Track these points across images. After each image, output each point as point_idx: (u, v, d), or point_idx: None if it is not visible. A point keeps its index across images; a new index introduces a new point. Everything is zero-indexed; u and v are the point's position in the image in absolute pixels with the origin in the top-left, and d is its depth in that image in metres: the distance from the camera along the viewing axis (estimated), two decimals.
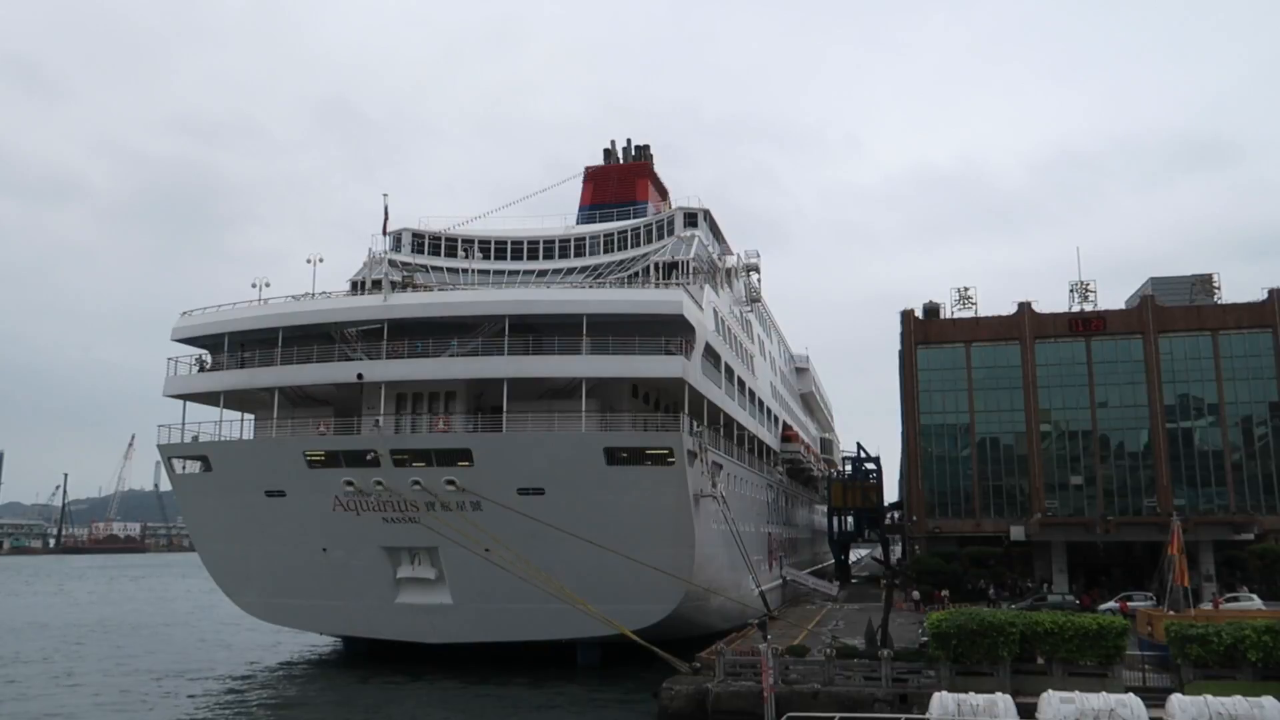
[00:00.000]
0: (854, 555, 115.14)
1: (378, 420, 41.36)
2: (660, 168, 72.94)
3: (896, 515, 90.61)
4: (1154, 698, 24.53)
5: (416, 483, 39.97)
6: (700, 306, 46.57)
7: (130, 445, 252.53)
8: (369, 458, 40.34)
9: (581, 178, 71.35)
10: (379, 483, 40.37)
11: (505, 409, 40.30)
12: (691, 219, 57.74)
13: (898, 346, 70.19)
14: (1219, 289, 66.72)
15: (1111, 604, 48.16)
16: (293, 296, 45.74)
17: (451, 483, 39.70)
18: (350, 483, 40.82)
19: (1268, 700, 21.82)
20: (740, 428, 56.29)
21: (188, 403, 45.67)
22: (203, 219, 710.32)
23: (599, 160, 72.72)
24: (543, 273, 58.17)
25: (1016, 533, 61.41)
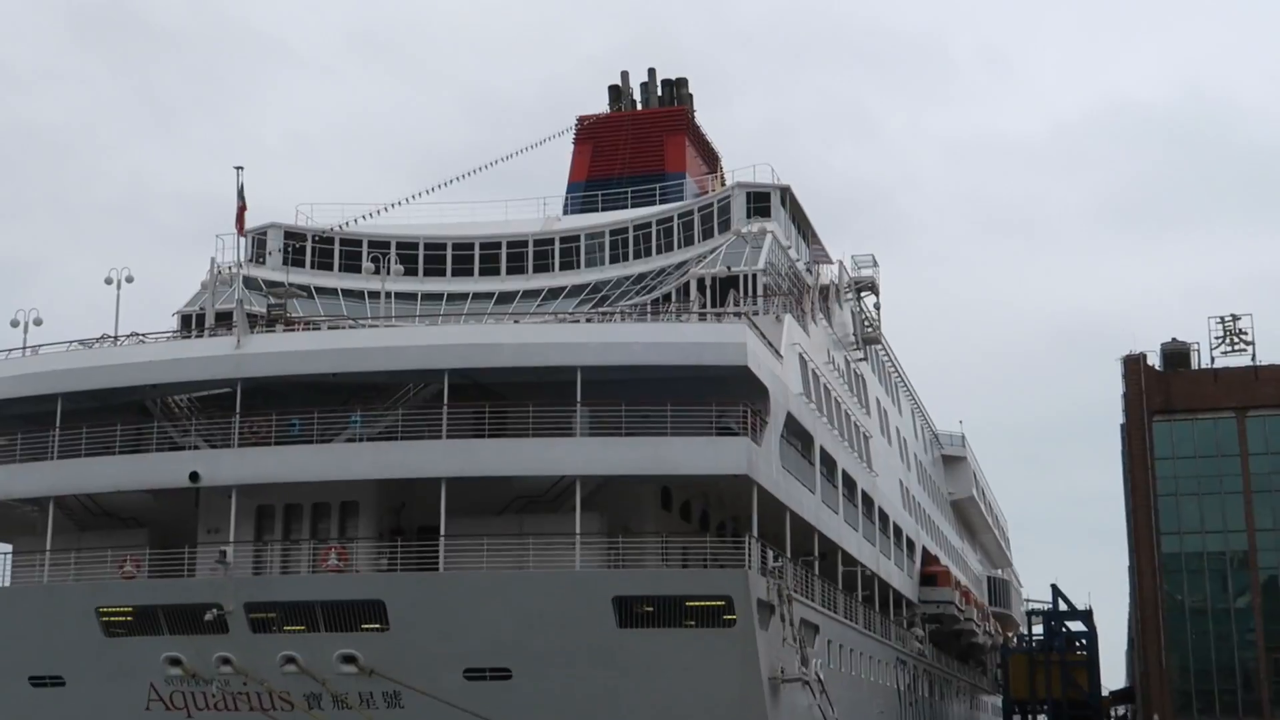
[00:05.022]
0: None
1: (224, 551, 41.11)
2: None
3: (1125, 712, 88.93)
4: None
5: (291, 660, 39.73)
6: (778, 352, 46.61)
7: None
8: (209, 617, 40.09)
9: (572, 135, 71.81)
10: (226, 660, 40.14)
11: (444, 530, 40.09)
12: (761, 202, 58.08)
13: (1118, 418, 69.79)
14: None
15: None
16: (80, 343, 45.66)
17: (351, 660, 39.50)
18: (177, 661, 40.58)
19: None
20: (850, 561, 56.18)
21: None
22: None
23: (596, 104, 73.66)
24: (508, 296, 58.56)
25: None
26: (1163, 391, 67.64)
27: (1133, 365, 68.51)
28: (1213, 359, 68.47)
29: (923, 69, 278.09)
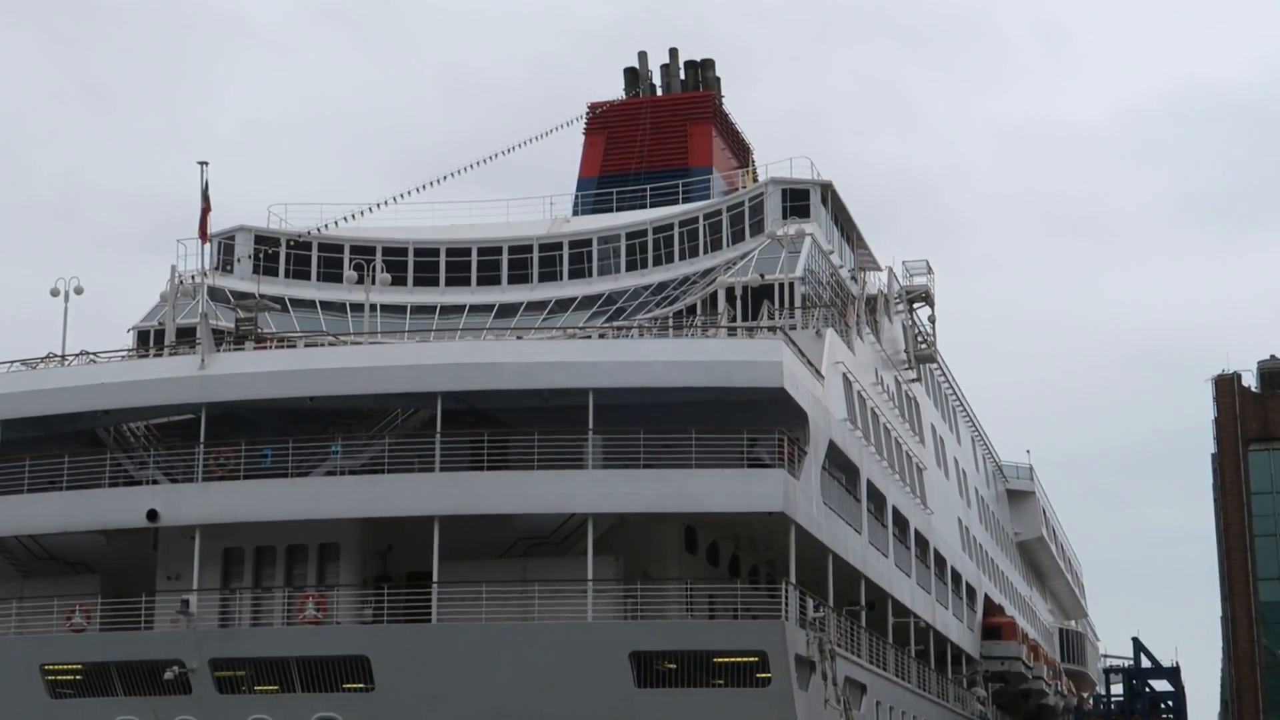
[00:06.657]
0: None
1: (186, 601, 41.10)
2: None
3: None
4: None
5: None
6: (818, 372, 46.59)
7: None
8: (170, 676, 40.05)
9: (582, 125, 71.82)
10: None
11: (437, 577, 40.03)
12: (799, 200, 58.11)
13: (1208, 447, 70.41)
14: None
15: None
16: (22, 363, 45.98)
17: None
18: None
19: None
20: (901, 611, 56.21)
21: None
22: None
23: (598, 87, 74.05)
24: (509, 309, 58.76)
25: None
26: (1260, 416, 67.39)
27: (1225, 386, 68.31)
28: None
29: (971, 47, 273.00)
